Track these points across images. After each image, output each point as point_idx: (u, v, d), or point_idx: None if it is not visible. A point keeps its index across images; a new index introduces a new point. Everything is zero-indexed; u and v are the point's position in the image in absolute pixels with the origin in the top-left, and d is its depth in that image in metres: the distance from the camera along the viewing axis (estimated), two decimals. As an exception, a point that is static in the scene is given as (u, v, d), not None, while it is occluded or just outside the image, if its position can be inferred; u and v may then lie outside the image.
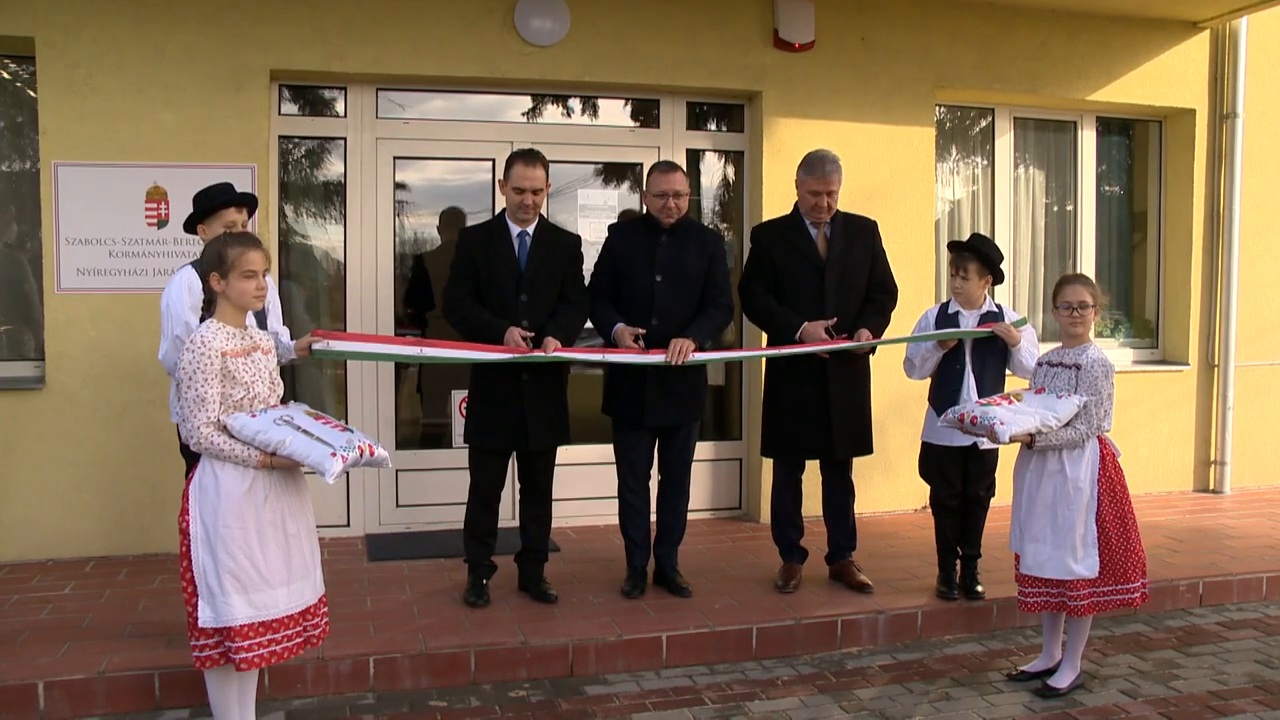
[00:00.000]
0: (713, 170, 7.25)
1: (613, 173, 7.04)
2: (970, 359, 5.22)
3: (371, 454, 3.63)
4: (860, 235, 5.38)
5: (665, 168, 5.23)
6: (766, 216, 6.72)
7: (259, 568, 3.54)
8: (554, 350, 4.90)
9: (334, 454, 3.48)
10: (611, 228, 5.52)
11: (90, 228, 5.92)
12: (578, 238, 5.35)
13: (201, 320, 3.70)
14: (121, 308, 5.96)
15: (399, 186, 6.64)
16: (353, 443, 3.59)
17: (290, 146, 6.54)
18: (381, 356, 5.11)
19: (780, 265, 5.37)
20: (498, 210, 5.73)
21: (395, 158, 6.59)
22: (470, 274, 5.07)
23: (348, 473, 6.31)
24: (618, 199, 7.02)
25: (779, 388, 5.46)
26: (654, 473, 5.49)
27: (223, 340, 3.57)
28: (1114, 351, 7.90)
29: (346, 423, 4.37)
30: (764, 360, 5.56)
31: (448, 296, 5.11)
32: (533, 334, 4.90)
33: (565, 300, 5.17)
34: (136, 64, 5.97)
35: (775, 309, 5.38)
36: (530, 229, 5.13)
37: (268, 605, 3.57)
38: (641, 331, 5.10)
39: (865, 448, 5.46)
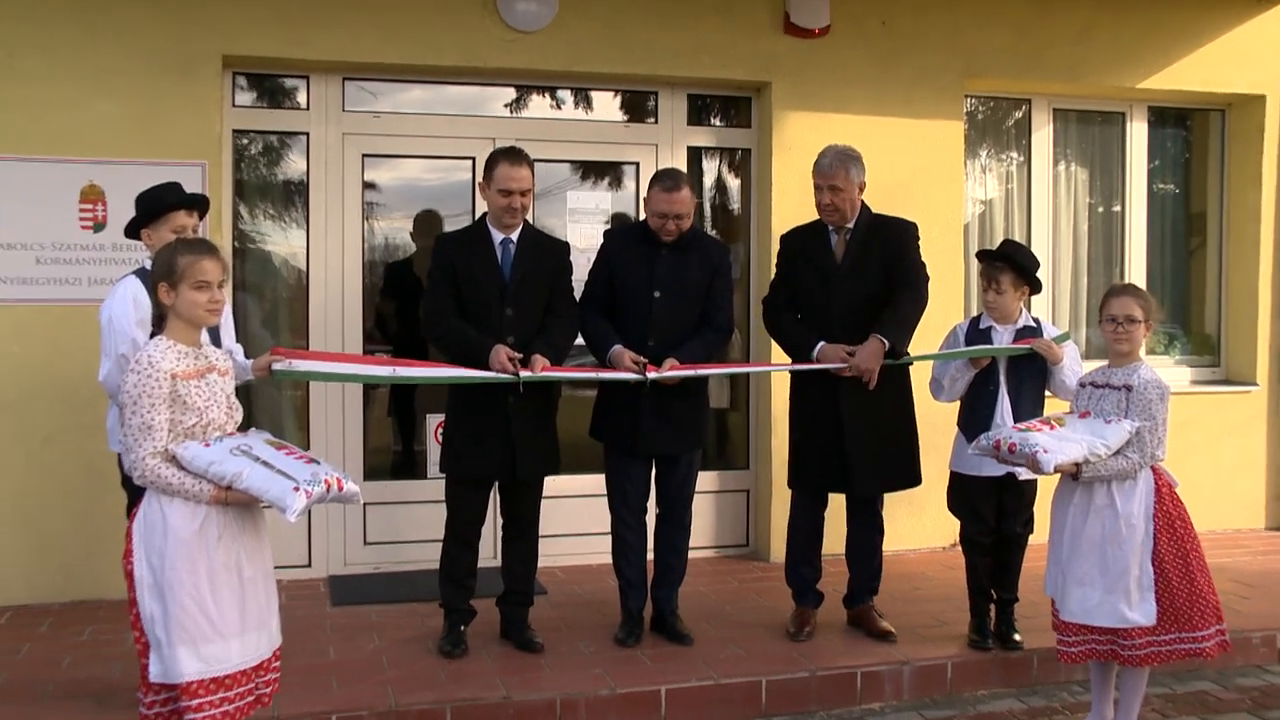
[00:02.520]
0: (716, 170, 7.33)
1: (605, 173, 7.08)
2: (1005, 379, 5.22)
3: (340, 488, 3.61)
4: (884, 240, 5.35)
5: (668, 184, 5.21)
6: (776, 222, 6.84)
7: (210, 617, 3.49)
8: (542, 370, 4.90)
9: (297, 488, 3.45)
10: (608, 234, 5.55)
11: (14, 230, 5.88)
12: (566, 245, 5.38)
13: (150, 337, 3.68)
14: (50, 321, 5.92)
15: (368, 187, 6.66)
16: (318, 476, 3.56)
17: (246, 141, 6.56)
18: (349, 377, 5.10)
19: (798, 275, 5.41)
20: (478, 214, 5.76)
21: (364, 155, 6.63)
22: (450, 285, 5.07)
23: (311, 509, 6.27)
24: (611, 201, 7.08)
25: (799, 412, 5.49)
26: (651, 505, 5.49)
27: (173, 360, 3.54)
28: (1169, 370, 7.87)
29: (311, 452, 4.35)
30: (788, 379, 5.61)
31: (427, 310, 5.12)
32: (520, 355, 4.90)
33: (553, 314, 5.17)
34: (68, 45, 5.94)
35: (788, 326, 5.43)
36: (514, 235, 5.14)
37: (219, 659, 3.52)
38: (643, 360, 5.10)
39: (897, 479, 5.43)
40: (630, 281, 5.27)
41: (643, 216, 5.43)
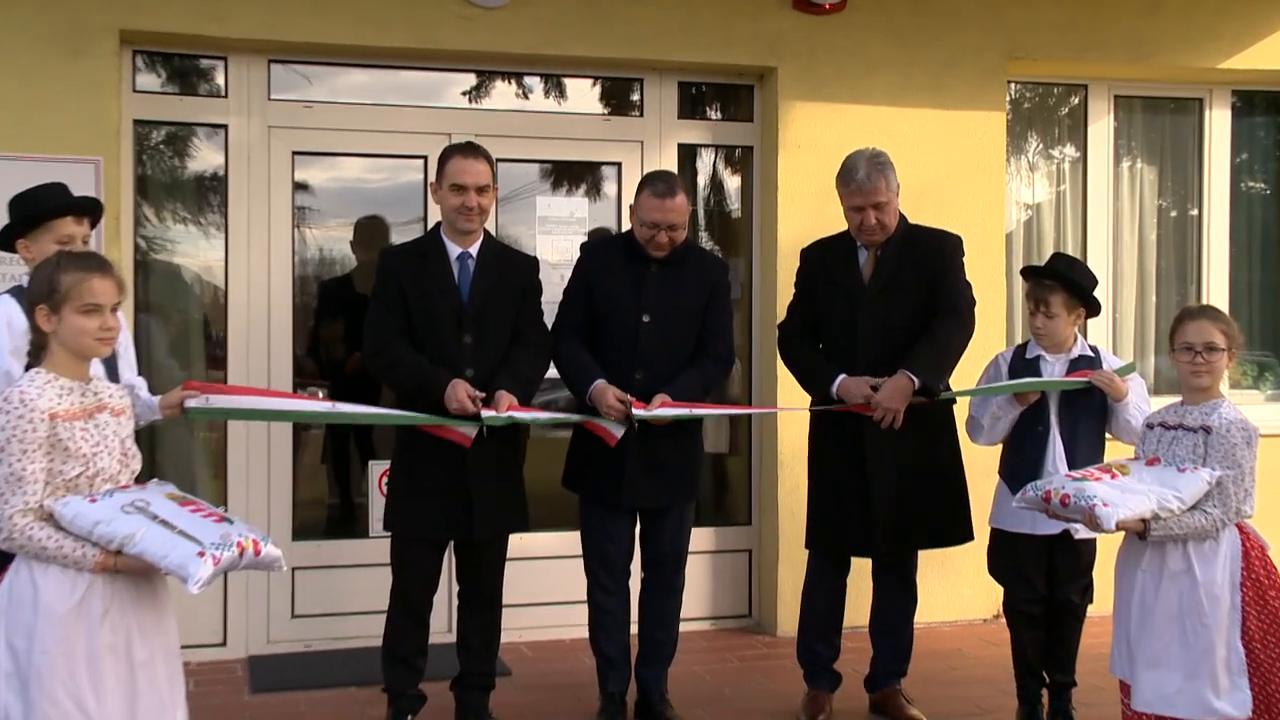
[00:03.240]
0: (711, 172, 7.35)
1: (582, 175, 7.12)
2: (1057, 419, 5.21)
3: (256, 552, 3.59)
4: (921, 256, 5.36)
5: (661, 189, 5.23)
6: (782, 232, 6.88)
7: (89, 713, 3.42)
8: (508, 409, 4.88)
9: (202, 553, 3.42)
10: (585, 247, 5.57)
11: None
12: (536, 260, 5.40)
13: (26, 369, 3.64)
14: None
15: (300, 189, 6.67)
16: (230, 537, 3.54)
17: (150, 134, 6.55)
18: (277, 415, 5.11)
19: (819, 296, 5.47)
20: (432, 223, 5.78)
21: (294, 152, 6.63)
22: (397, 307, 5.08)
23: (225, 575, 6.22)
24: (587, 209, 7.11)
25: (818, 456, 5.52)
26: (636, 569, 5.49)
27: (53, 397, 3.50)
28: (1257, 409, 7.75)
29: (225, 509, 4.34)
30: (804, 416, 5.63)
31: (370, 336, 5.12)
32: (482, 395, 4.89)
33: (520, 342, 5.18)
34: (-79, 15, 5.95)
35: (806, 355, 5.46)
36: (474, 249, 5.16)
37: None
38: (629, 399, 5.10)
39: (937, 534, 5.44)
40: (613, 303, 5.29)
41: (626, 226, 5.46)
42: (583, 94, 7.06)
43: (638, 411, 5.05)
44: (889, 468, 5.26)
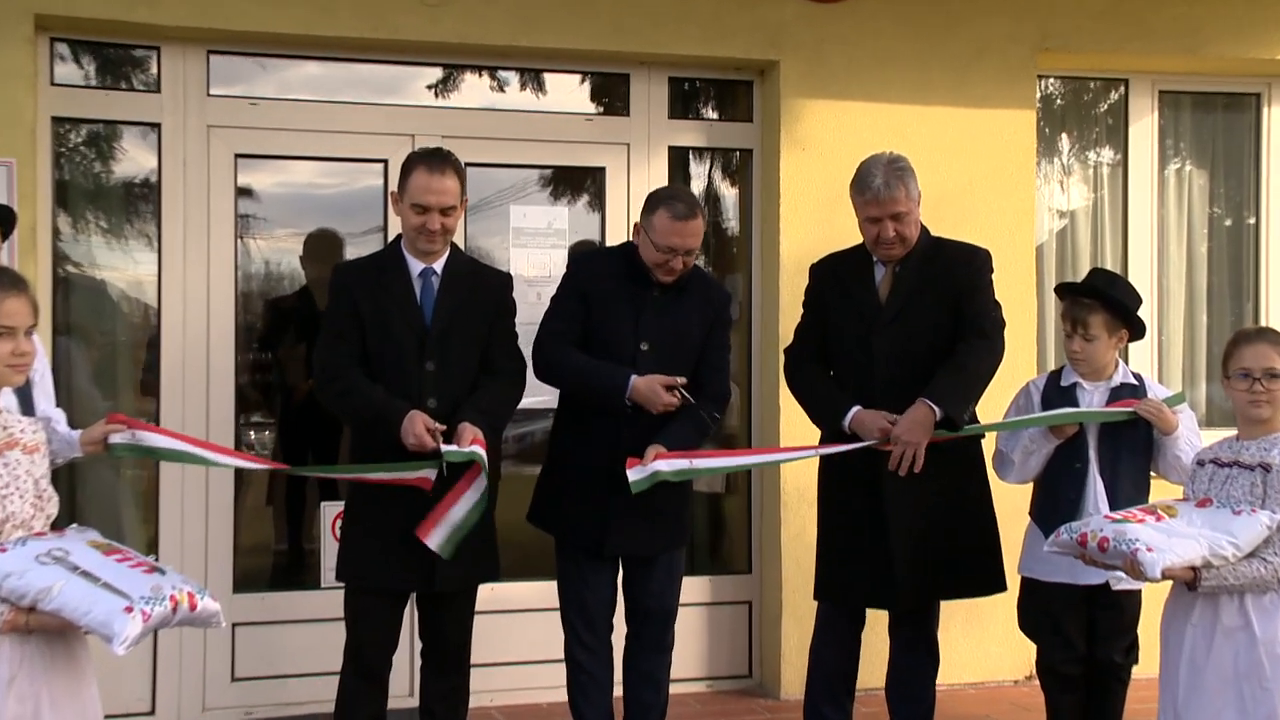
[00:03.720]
0: (706, 178, 7.41)
1: (561, 181, 7.17)
2: (1097, 454, 5.22)
3: (192, 606, 3.58)
4: (945, 272, 5.36)
5: (681, 210, 5.20)
6: (785, 246, 6.92)
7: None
8: (472, 444, 4.86)
9: (129, 608, 3.40)
10: (579, 260, 5.56)
11: None
12: (508, 278, 5.42)
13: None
14: None
15: (243, 195, 6.69)
16: (161, 590, 3.52)
17: (71, 133, 6.55)
18: (213, 464, 5.07)
19: (831, 319, 5.47)
20: (392, 235, 5.77)
21: (237, 155, 6.63)
22: (352, 330, 5.08)
23: (155, 633, 6.19)
24: (567, 219, 7.13)
25: (829, 497, 5.51)
26: (620, 621, 5.49)
27: (-45, 432, 3.49)
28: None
29: (156, 558, 4.33)
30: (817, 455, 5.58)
31: (321, 362, 5.14)
32: (443, 428, 4.88)
33: (490, 369, 5.18)
34: None
35: (816, 384, 5.48)
36: (439, 265, 5.15)
37: None
38: (681, 380, 5.17)
39: (965, 583, 5.43)
40: (609, 327, 5.30)
41: (612, 240, 5.40)
42: (563, 91, 7.09)
43: (633, 475, 5.01)
44: (909, 508, 5.23)
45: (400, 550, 4.99)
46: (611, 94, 7.11)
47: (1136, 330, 5.32)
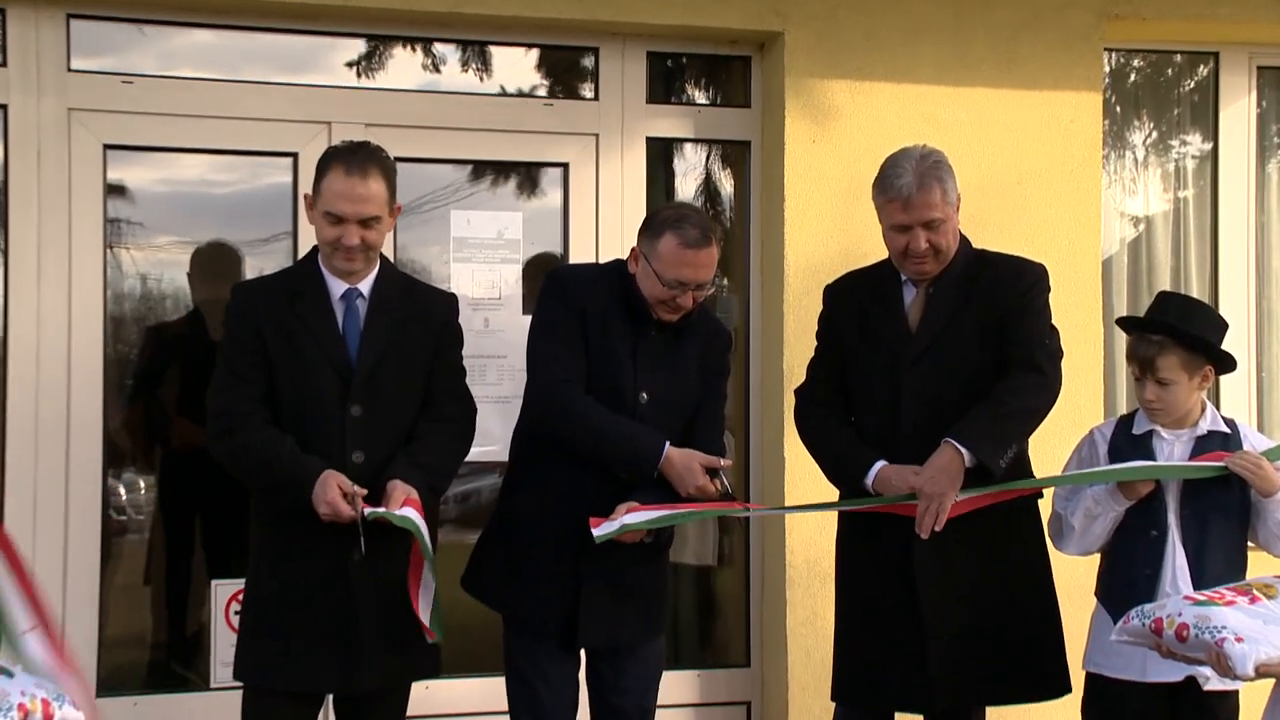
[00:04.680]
0: (693, 176, 7.45)
1: (513, 179, 7.16)
2: (1178, 519, 5.17)
3: (47, 716, 3.55)
4: (988, 293, 5.31)
5: (694, 236, 5.12)
6: (791, 259, 6.90)
7: None
8: (404, 506, 4.84)
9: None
10: (570, 275, 5.52)
11: None
12: (453, 299, 5.42)
13: None
14: None
15: (115, 194, 6.64)
16: (8, 698, 3.50)
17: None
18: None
19: (850, 352, 5.45)
20: (305, 246, 5.77)
21: (107, 145, 6.55)
22: (256, 368, 5.02)
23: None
24: (521, 227, 7.09)
25: (848, 575, 5.50)
26: None
27: None
28: None
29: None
30: (829, 517, 5.61)
31: (216, 408, 5.05)
32: (364, 491, 4.85)
33: (431, 415, 5.18)
34: None
35: (833, 437, 5.44)
36: (366, 285, 5.13)
37: None
38: (726, 463, 5.22)
39: (1018, 685, 5.35)
40: (606, 373, 5.26)
41: (576, 255, 5.40)
42: (516, 69, 7.08)
43: (599, 531, 4.98)
44: (948, 587, 5.20)
45: (314, 642, 4.95)
46: (576, 73, 7.11)
47: (1224, 365, 5.24)
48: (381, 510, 4.80)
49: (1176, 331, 5.15)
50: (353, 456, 4.95)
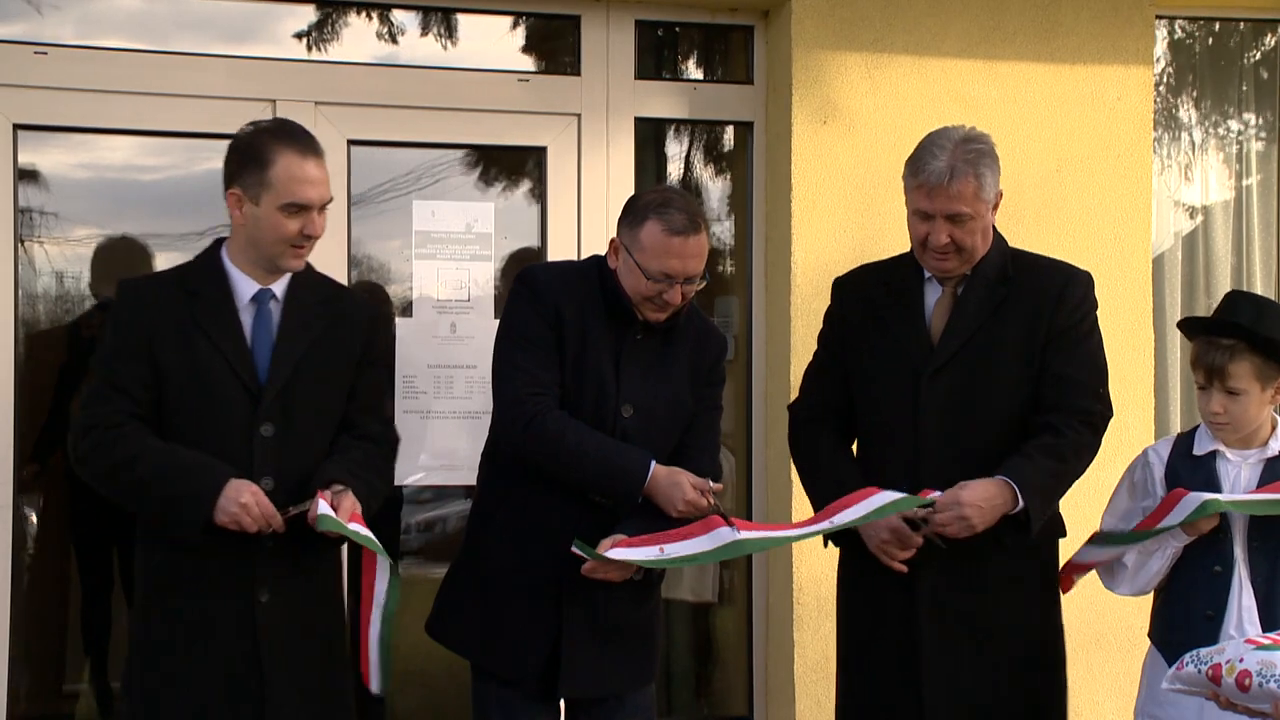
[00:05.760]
0: (687, 162, 7.50)
1: (484, 165, 7.16)
2: (1245, 554, 5.03)
3: None
4: (1026, 300, 5.16)
5: (681, 221, 5.01)
6: (798, 255, 6.79)
7: None
8: (352, 520, 4.64)
9: None
10: (543, 273, 5.35)
11: None
12: (375, 310, 5.57)
13: None
14: None
15: (27, 180, 6.57)
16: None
17: None
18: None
19: (859, 360, 5.29)
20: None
21: (17, 125, 6.47)
22: (138, 380, 4.78)
23: None
24: (493, 219, 6.99)
25: (851, 617, 5.39)
26: None
27: None
28: None
29: None
30: (831, 553, 5.51)
31: (85, 422, 4.80)
32: (289, 512, 4.63)
33: (354, 434, 4.99)
34: None
35: (831, 458, 5.32)
36: (280, 286, 4.94)
37: None
38: (717, 487, 5.01)
39: None
40: (584, 381, 5.12)
41: (556, 251, 5.90)
42: (486, 39, 7.09)
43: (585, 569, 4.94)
44: (949, 631, 5.10)
45: (220, 687, 4.77)
46: (555, 44, 7.12)
47: (1299, 375, 5.20)
48: (328, 513, 4.57)
49: (1251, 335, 5.01)
50: (262, 483, 4.71)
